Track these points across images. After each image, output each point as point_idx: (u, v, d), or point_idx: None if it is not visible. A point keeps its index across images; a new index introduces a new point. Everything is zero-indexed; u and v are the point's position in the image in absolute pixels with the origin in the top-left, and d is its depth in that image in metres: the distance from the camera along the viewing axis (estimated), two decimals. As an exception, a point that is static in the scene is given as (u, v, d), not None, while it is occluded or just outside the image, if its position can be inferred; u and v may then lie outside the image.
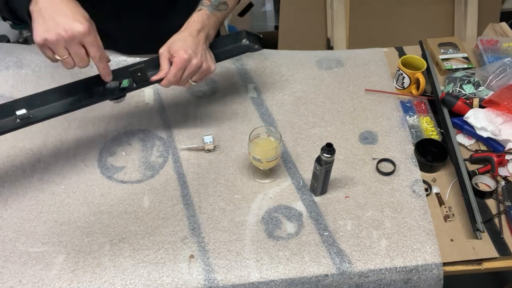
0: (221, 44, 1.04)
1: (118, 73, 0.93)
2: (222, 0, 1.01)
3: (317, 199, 0.96)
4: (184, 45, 0.90)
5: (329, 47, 1.85)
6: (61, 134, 1.07)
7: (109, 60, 0.87)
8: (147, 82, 0.94)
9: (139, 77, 0.93)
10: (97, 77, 0.88)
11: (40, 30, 0.78)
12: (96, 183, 0.98)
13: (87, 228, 0.90)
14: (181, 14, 1.11)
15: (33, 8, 0.80)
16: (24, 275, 0.83)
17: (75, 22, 0.77)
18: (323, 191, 0.96)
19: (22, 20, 0.84)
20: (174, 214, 0.93)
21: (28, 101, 0.86)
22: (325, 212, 0.93)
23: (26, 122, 0.85)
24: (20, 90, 1.13)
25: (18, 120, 0.85)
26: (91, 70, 0.89)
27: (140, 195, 0.96)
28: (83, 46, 0.80)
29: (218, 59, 0.99)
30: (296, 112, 1.14)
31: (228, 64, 1.23)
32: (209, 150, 1.04)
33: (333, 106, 1.16)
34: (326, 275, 0.84)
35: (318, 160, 0.89)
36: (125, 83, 0.93)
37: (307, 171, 1.00)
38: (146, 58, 0.97)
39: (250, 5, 2.12)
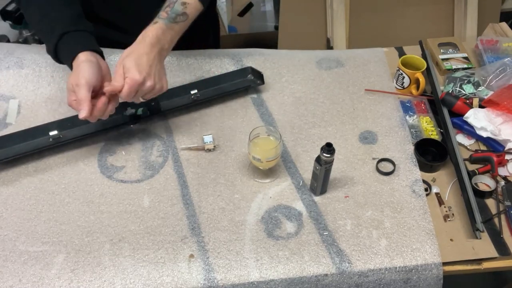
0: (230, 78, 1.17)
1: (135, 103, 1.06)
2: (181, 11, 0.96)
3: (317, 198, 0.96)
4: (137, 64, 0.89)
5: (329, 47, 1.84)
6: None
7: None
8: (160, 111, 1.09)
9: (152, 106, 1.08)
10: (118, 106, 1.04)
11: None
12: (96, 183, 0.98)
13: (87, 227, 0.90)
14: None
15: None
16: (24, 274, 0.83)
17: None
18: (322, 191, 0.96)
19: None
20: (174, 213, 0.93)
21: (59, 124, 1.04)
22: (324, 212, 0.94)
23: (57, 141, 1.02)
24: (21, 90, 1.13)
25: (50, 140, 1.01)
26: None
27: (140, 195, 0.96)
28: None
29: (226, 91, 1.14)
30: (296, 112, 1.14)
31: (228, 65, 1.23)
32: (209, 150, 1.04)
33: (333, 106, 1.16)
34: (326, 275, 0.84)
35: (318, 160, 0.89)
36: (139, 111, 1.08)
37: (307, 171, 1.00)
38: None
39: (250, 5, 2.12)
